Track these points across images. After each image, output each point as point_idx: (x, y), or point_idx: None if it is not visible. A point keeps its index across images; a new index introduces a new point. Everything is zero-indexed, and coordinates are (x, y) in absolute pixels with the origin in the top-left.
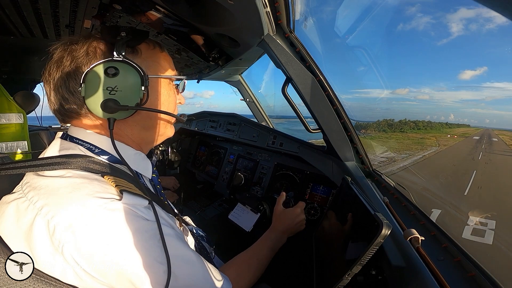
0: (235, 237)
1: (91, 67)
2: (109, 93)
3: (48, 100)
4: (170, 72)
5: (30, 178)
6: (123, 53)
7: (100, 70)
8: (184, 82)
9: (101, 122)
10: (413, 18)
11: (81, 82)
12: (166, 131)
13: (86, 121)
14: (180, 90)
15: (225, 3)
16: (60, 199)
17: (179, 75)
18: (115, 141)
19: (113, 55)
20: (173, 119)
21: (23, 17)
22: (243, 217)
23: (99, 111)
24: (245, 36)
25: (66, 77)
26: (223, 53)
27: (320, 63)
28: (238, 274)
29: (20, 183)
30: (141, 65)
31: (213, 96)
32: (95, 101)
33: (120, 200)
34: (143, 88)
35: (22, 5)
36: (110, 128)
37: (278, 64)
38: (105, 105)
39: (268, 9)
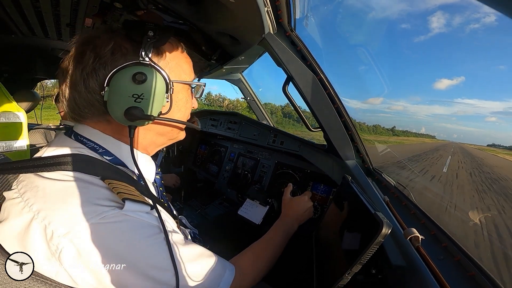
0: (242, 234)
1: (117, 69)
2: (134, 101)
3: (61, 96)
4: (190, 76)
5: (26, 177)
6: (149, 56)
7: (126, 74)
8: (203, 88)
9: (113, 124)
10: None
11: (104, 85)
12: (178, 135)
13: (99, 121)
14: (198, 96)
15: (226, 1)
16: (58, 205)
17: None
18: (121, 143)
19: (139, 57)
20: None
21: (24, 16)
22: (252, 211)
23: (120, 118)
24: (246, 34)
25: (87, 76)
26: (224, 52)
27: (321, 61)
28: (256, 258)
29: (16, 181)
30: (165, 68)
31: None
32: (119, 108)
33: (120, 208)
34: (167, 95)
35: (23, 4)
36: (131, 136)
37: (279, 63)
38: (128, 113)
39: (269, 7)
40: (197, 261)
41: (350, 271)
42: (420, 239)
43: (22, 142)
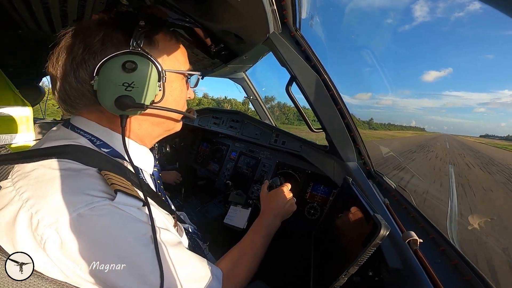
0: (233, 234)
1: (106, 58)
2: (125, 89)
3: (52, 88)
4: (185, 66)
5: (21, 166)
6: (141, 46)
7: (116, 63)
8: (198, 78)
9: (107, 114)
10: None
11: (94, 74)
12: (175, 126)
13: (92, 112)
14: (193, 86)
15: (232, 0)
16: (47, 192)
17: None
18: (118, 134)
19: (130, 46)
20: (181, 114)
21: (31, 12)
22: (236, 216)
23: (111, 107)
24: (251, 33)
25: (77, 66)
26: (228, 50)
27: (325, 62)
28: (233, 266)
29: (12, 171)
30: (158, 58)
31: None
32: (109, 97)
33: (112, 200)
34: (159, 84)
35: (32, 0)
36: (122, 126)
37: (283, 63)
38: (119, 102)
39: (275, 7)
40: (185, 264)
41: (346, 272)
42: (418, 243)
43: (28, 135)
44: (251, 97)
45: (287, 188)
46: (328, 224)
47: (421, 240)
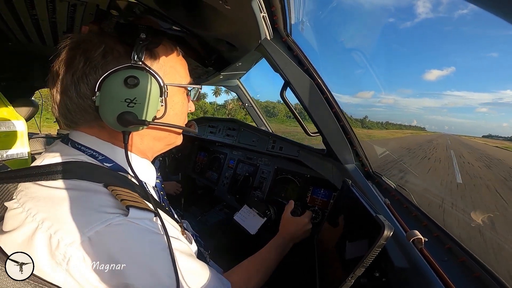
0: (237, 241)
1: (108, 73)
2: (127, 105)
3: (52, 102)
4: (186, 79)
5: (25, 186)
6: (142, 59)
7: (118, 78)
8: (199, 91)
9: (108, 129)
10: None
11: (95, 89)
12: (176, 140)
13: (93, 127)
14: (194, 98)
15: (223, 8)
16: (63, 213)
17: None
18: (119, 148)
19: (131, 60)
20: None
21: (20, 24)
22: (249, 219)
23: (113, 124)
24: (243, 40)
25: (78, 80)
26: (221, 58)
27: (318, 66)
28: (248, 278)
29: (16, 190)
30: (159, 71)
31: None
32: (111, 113)
33: (125, 215)
34: (161, 99)
35: (20, 11)
36: (125, 142)
37: (276, 68)
38: (121, 119)
39: (265, 13)
40: (197, 274)
41: (353, 274)
42: (423, 241)
43: (23, 150)
44: (247, 104)
45: (308, 218)
46: (330, 228)
47: (426, 239)
